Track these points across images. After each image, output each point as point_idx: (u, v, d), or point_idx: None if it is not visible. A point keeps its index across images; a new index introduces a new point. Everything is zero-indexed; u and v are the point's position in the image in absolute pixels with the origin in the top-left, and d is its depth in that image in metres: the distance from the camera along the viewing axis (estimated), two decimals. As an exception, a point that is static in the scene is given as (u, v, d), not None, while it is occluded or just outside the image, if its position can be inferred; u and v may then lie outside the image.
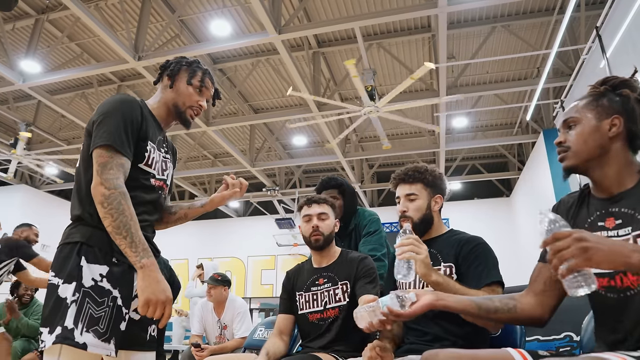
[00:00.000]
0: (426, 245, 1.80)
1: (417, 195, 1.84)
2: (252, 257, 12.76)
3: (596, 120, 1.29)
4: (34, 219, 10.63)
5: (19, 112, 8.96)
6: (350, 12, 6.47)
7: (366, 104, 6.41)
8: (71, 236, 1.47)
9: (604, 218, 1.26)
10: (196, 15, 6.67)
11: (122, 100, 1.55)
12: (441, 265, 1.75)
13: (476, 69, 7.73)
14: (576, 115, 1.33)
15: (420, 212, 1.83)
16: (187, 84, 1.70)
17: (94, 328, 1.36)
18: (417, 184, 1.86)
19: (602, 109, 1.29)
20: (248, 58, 7.57)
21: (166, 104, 1.71)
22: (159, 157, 1.65)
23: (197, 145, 10.52)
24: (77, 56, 7.49)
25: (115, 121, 1.48)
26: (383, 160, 11.52)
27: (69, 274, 1.40)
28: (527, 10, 6.53)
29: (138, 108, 1.56)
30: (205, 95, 1.75)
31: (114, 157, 1.45)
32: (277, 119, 8.59)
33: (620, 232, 1.21)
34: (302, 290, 2.12)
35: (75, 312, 1.35)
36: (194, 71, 1.72)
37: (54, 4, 6.41)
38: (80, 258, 1.42)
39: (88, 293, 1.38)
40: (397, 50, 7.32)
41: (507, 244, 9.72)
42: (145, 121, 1.57)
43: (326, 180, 2.78)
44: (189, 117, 1.72)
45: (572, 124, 1.33)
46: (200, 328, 4.26)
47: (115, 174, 1.43)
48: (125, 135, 1.48)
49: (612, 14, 4.39)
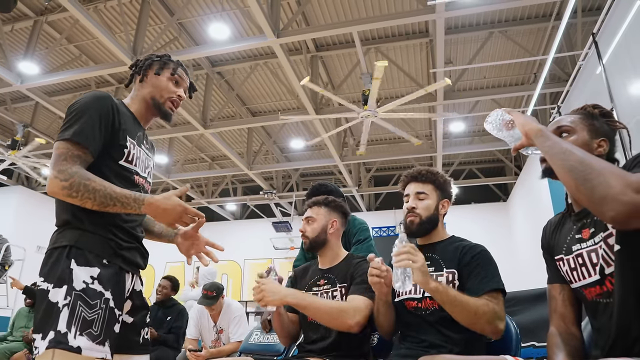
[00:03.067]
0: (428, 250, 1.82)
1: (428, 195, 1.87)
2: (248, 260, 12.74)
3: (588, 135, 1.36)
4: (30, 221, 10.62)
5: (16, 113, 8.94)
6: (348, 17, 6.49)
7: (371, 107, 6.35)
8: (59, 240, 1.45)
9: (581, 230, 1.35)
10: (195, 19, 6.68)
11: (93, 96, 1.52)
12: (444, 271, 1.75)
13: (474, 74, 7.76)
14: (572, 125, 1.38)
15: (428, 211, 1.85)
16: (160, 76, 1.67)
17: (88, 331, 1.35)
18: (429, 185, 1.89)
19: (594, 129, 1.37)
20: (246, 61, 7.58)
21: (144, 98, 1.67)
22: (140, 153, 1.63)
23: (195, 147, 10.51)
24: (75, 58, 7.49)
25: (82, 117, 1.46)
26: (380, 164, 11.53)
27: (59, 278, 1.38)
28: (525, 16, 6.56)
29: (109, 102, 1.53)
30: (181, 86, 1.72)
31: (71, 149, 1.42)
32: (274, 122, 8.59)
33: (595, 239, 1.28)
34: (305, 290, 2.13)
35: (68, 315, 1.33)
36: (164, 63, 1.70)
37: (53, 6, 6.41)
38: (70, 261, 1.40)
39: (80, 296, 1.37)
40: (395, 55, 7.34)
41: (504, 248, 9.73)
42: (119, 115, 1.54)
43: (316, 187, 2.75)
44: (169, 109, 1.70)
45: (566, 132, 1.38)
46: (196, 332, 4.25)
47: (68, 163, 1.40)
48: (91, 130, 1.45)
49: (608, 21, 4.41)
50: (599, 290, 1.26)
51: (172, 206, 1.43)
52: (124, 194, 1.41)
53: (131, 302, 1.58)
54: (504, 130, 1.34)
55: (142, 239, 1.65)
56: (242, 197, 12.57)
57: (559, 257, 1.41)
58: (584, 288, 1.32)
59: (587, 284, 1.30)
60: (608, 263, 1.23)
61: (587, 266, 1.30)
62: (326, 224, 2.13)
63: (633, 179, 0.98)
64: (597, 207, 1.00)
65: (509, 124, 1.33)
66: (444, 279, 1.72)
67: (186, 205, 1.46)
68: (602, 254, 1.25)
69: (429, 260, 1.79)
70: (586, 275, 1.30)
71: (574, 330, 1.40)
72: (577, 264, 1.33)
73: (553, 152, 1.15)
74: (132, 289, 1.59)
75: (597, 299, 1.28)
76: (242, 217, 13.78)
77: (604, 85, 4.48)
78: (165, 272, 12.98)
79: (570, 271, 1.36)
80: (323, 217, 2.14)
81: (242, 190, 13.00)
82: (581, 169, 1.04)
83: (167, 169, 10.40)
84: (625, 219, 0.96)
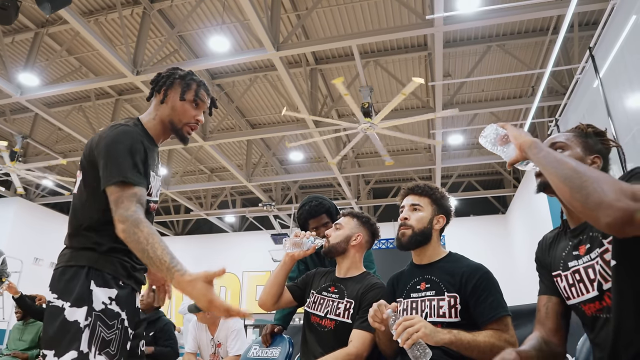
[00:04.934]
0: (426, 272, 1.81)
1: (422, 207, 1.88)
2: (247, 273, 12.69)
3: (582, 152, 1.38)
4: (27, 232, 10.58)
5: (15, 124, 8.96)
6: (347, 30, 6.54)
7: (362, 120, 6.45)
8: (75, 259, 1.45)
9: (577, 247, 1.36)
10: (195, 31, 6.73)
11: (122, 132, 1.49)
12: (445, 295, 1.72)
13: (472, 87, 7.81)
14: (567, 142, 1.40)
15: (421, 223, 1.85)
16: (181, 100, 1.63)
17: (106, 350, 1.38)
18: (425, 198, 1.90)
19: (587, 146, 1.40)
20: (246, 74, 7.62)
21: (162, 121, 1.65)
22: (156, 181, 1.64)
23: (194, 159, 10.52)
24: (75, 70, 7.52)
25: (120, 154, 1.44)
26: (379, 176, 11.54)
27: (77, 298, 1.39)
28: (522, 30, 6.62)
29: (140, 138, 1.52)
30: (201, 108, 1.69)
31: (125, 190, 1.39)
32: (274, 134, 8.62)
33: (592, 255, 1.29)
34: (316, 291, 2.18)
35: (89, 336, 1.36)
36: (187, 85, 1.65)
37: (54, 18, 6.46)
38: (89, 282, 1.41)
39: (99, 317, 1.39)
40: (394, 68, 7.39)
41: (503, 261, 9.72)
42: (146, 150, 1.53)
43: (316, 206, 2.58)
44: (186, 134, 1.67)
45: (560, 148, 1.40)
46: (194, 346, 4.21)
47: (126, 206, 1.37)
48: (133, 164, 1.44)
49: (604, 35, 4.46)
50: (599, 306, 1.27)
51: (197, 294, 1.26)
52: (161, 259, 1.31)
53: None
54: (499, 145, 1.35)
55: None
56: (241, 209, 12.55)
57: (557, 273, 1.41)
58: (582, 304, 1.32)
59: (585, 299, 1.30)
60: (605, 279, 1.23)
61: (584, 282, 1.30)
62: (351, 234, 2.15)
63: (627, 187, 0.98)
64: (592, 213, 0.99)
65: (504, 138, 1.33)
66: (445, 304, 1.70)
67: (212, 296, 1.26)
68: (599, 269, 1.25)
69: (429, 283, 1.79)
70: (584, 292, 1.30)
71: (554, 339, 1.41)
72: (575, 280, 1.34)
73: (547, 161, 1.14)
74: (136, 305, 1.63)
75: (597, 314, 1.28)
76: (240, 229, 13.75)
77: (601, 99, 4.51)
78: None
79: (569, 287, 1.36)
80: (350, 228, 2.16)
81: (241, 202, 12.98)
82: (576, 177, 1.04)
83: (166, 180, 10.39)
84: (620, 225, 0.96)
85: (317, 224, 2.57)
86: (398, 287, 1.91)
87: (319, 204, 2.58)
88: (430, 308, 1.73)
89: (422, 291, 1.80)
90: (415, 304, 1.78)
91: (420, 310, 1.75)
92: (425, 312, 1.73)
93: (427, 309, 1.73)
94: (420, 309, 1.75)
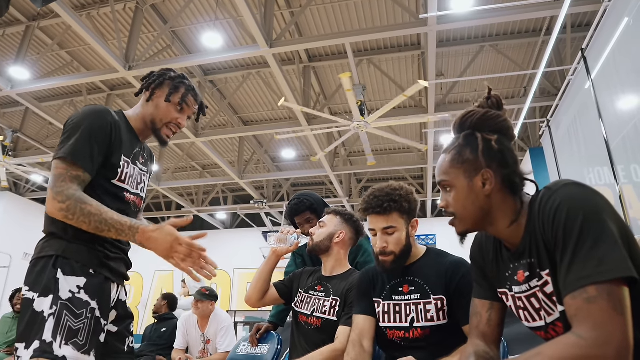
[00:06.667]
0: (408, 274, 1.76)
1: (396, 227, 1.71)
2: (238, 270, 12.66)
3: (467, 179, 1.18)
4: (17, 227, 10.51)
5: (5, 118, 8.87)
6: (341, 28, 6.54)
7: (356, 118, 6.45)
8: (45, 250, 1.45)
9: (516, 272, 1.21)
10: (188, 27, 6.69)
11: (91, 111, 1.51)
12: (431, 298, 1.67)
13: (464, 87, 7.84)
14: (447, 179, 1.22)
15: (400, 244, 1.71)
16: (166, 101, 1.63)
17: (73, 340, 1.34)
18: (393, 214, 1.71)
19: (469, 165, 1.18)
20: (239, 70, 7.59)
21: (144, 118, 1.65)
22: (134, 171, 1.62)
23: (186, 156, 10.48)
24: (67, 64, 7.45)
25: (79, 134, 1.44)
26: (371, 175, 11.56)
27: (44, 287, 1.37)
28: (515, 31, 6.65)
29: (107, 119, 1.51)
30: (185, 113, 1.68)
31: (69, 169, 1.41)
32: (266, 131, 8.60)
33: (531, 284, 1.16)
34: (303, 290, 2.19)
35: (54, 325, 1.33)
36: (176, 87, 1.65)
37: (45, 12, 6.39)
38: (56, 271, 1.39)
39: (66, 305, 1.36)
40: (387, 67, 7.39)
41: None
42: (117, 132, 1.53)
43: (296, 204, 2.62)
44: (164, 136, 1.67)
45: (447, 187, 1.23)
46: (184, 342, 4.21)
47: (66, 185, 1.39)
48: (90, 148, 1.44)
49: (597, 37, 4.49)
50: (549, 336, 1.17)
51: (163, 236, 1.36)
52: (120, 221, 1.37)
53: (116, 312, 1.58)
54: None
55: (127, 250, 1.65)
56: (232, 206, 12.53)
57: (503, 291, 1.28)
58: (534, 330, 1.22)
59: (534, 327, 1.21)
60: (548, 312, 1.13)
61: (529, 311, 1.19)
62: (334, 232, 2.15)
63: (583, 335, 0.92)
64: None
65: None
66: (432, 307, 1.66)
67: (178, 234, 1.38)
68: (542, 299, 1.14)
69: (412, 286, 1.73)
70: (530, 320, 1.21)
71: (493, 350, 1.31)
72: (521, 306, 1.22)
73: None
74: (117, 298, 1.60)
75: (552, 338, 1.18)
76: (232, 226, 13.72)
77: (593, 100, 4.54)
78: (153, 281, 12.91)
79: (516, 309, 1.25)
80: (334, 225, 2.17)
81: (232, 199, 12.95)
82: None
83: (158, 177, 10.34)
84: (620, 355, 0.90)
85: (301, 220, 2.63)
86: (376, 285, 1.84)
87: (300, 202, 2.62)
88: (417, 312, 1.68)
89: (405, 294, 1.74)
90: (399, 307, 1.73)
91: (405, 315, 1.70)
92: (412, 317, 1.69)
93: (413, 314, 1.69)
94: (406, 314, 1.71)
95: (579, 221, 1.00)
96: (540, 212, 1.10)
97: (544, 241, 1.09)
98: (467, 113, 1.26)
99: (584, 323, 0.93)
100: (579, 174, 5.29)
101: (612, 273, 0.93)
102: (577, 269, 0.97)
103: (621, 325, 0.90)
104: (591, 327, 0.92)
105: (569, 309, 0.97)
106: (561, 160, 6.01)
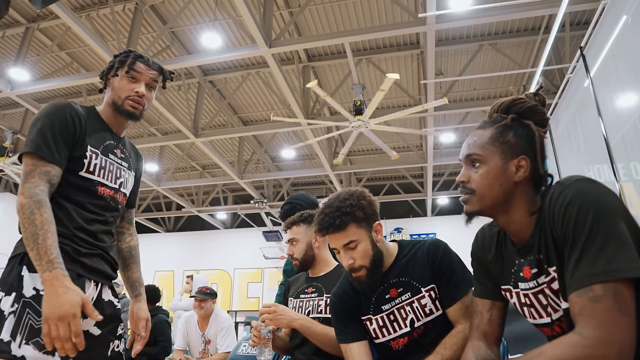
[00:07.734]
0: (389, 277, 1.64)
1: (356, 239, 1.56)
2: (238, 270, 12.67)
3: (502, 160, 1.16)
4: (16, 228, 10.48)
5: (5, 120, 8.88)
6: (340, 28, 6.54)
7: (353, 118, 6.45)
8: (17, 248, 1.42)
9: (521, 268, 1.19)
10: (187, 28, 6.69)
11: (51, 105, 1.50)
12: (423, 292, 1.58)
13: (464, 86, 7.84)
14: (481, 153, 1.19)
15: (368, 255, 1.57)
16: (114, 76, 1.61)
17: (35, 340, 1.29)
18: (350, 227, 1.56)
19: (508, 147, 1.17)
20: (238, 71, 7.60)
21: (108, 104, 1.62)
22: (106, 163, 1.57)
23: (186, 156, 10.48)
24: (66, 65, 7.46)
25: (42, 128, 1.43)
26: (371, 174, 11.56)
27: (9, 286, 1.34)
28: (514, 29, 6.65)
29: (65, 111, 1.49)
30: (140, 81, 1.61)
31: (38, 165, 1.39)
32: (266, 131, 8.61)
33: (539, 280, 1.14)
34: (293, 297, 2.15)
35: (14, 323, 1.29)
36: (121, 62, 1.61)
37: (45, 13, 6.40)
38: (21, 268, 1.36)
39: (28, 303, 1.32)
40: (386, 66, 7.39)
41: (494, 260, 9.76)
42: (79, 124, 1.50)
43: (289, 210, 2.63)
44: (129, 108, 1.59)
45: (477, 161, 1.20)
46: (184, 342, 4.21)
47: (35, 182, 1.36)
48: (53, 141, 1.43)
49: (595, 35, 4.48)
50: (554, 333, 1.17)
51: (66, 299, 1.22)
52: (46, 249, 1.27)
53: None
54: None
55: (108, 247, 1.57)
56: (232, 206, 12.53)
57: (507, 287, 1.27)
58: (539, 326, 1.22)
59: (540, 323, 1.20)
60: (555, 309, 1.13)
61: (535, 307, 1.18)
62: (310, 240, 2.13)
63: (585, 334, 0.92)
64: None
65: None
66: (427, 300, 1.58)
67: (79, 315, 1.23)
68: (549, 295, 1.13)
69: (400, 287, 1.62)
70: (537, 316, 1.20)
71: (494, 351, 1.29)
72: (526, 303, 1.21)
73: None
74: (100, 298, 1.52)
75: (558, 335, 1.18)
76: (232, 226, 13.73)
77: (592, 98, 4.54)
78: (154, 281, 12.89)
79: (520, 306, 1.24)
80: (305, 235, 2.14)
81: (232, 199, 12.96)
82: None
83: (158, 177, 10.35)
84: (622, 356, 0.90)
85: None
86: (359, 302, 1.69)
87: (292, 207, 2.65)
88: (414, 312, 1.58)
89: (395, 298, 1.61)
90: (393, 315, 1.61)
91: (403, 319, 1.60)
92: (411, 318, 1.58)
93: (411, 315, 1.59)
94: (403, 318, 1.59)
95: (589, 218, 0.99)
96: (551, 207, 1.09)
97: (554, 236, 1.08)
98: (518, 99, 1.23)
99: (587, 322, 0.93)
100: (578, 171, 5.29)
101: (620, 273, 0.92)
102: (585, 266, 0.96)
103: (625, 326, 0.90)
104: (594, 326, 0.91)
105: (573, 307, 0.97)
106: (561, 158, 6.00)
